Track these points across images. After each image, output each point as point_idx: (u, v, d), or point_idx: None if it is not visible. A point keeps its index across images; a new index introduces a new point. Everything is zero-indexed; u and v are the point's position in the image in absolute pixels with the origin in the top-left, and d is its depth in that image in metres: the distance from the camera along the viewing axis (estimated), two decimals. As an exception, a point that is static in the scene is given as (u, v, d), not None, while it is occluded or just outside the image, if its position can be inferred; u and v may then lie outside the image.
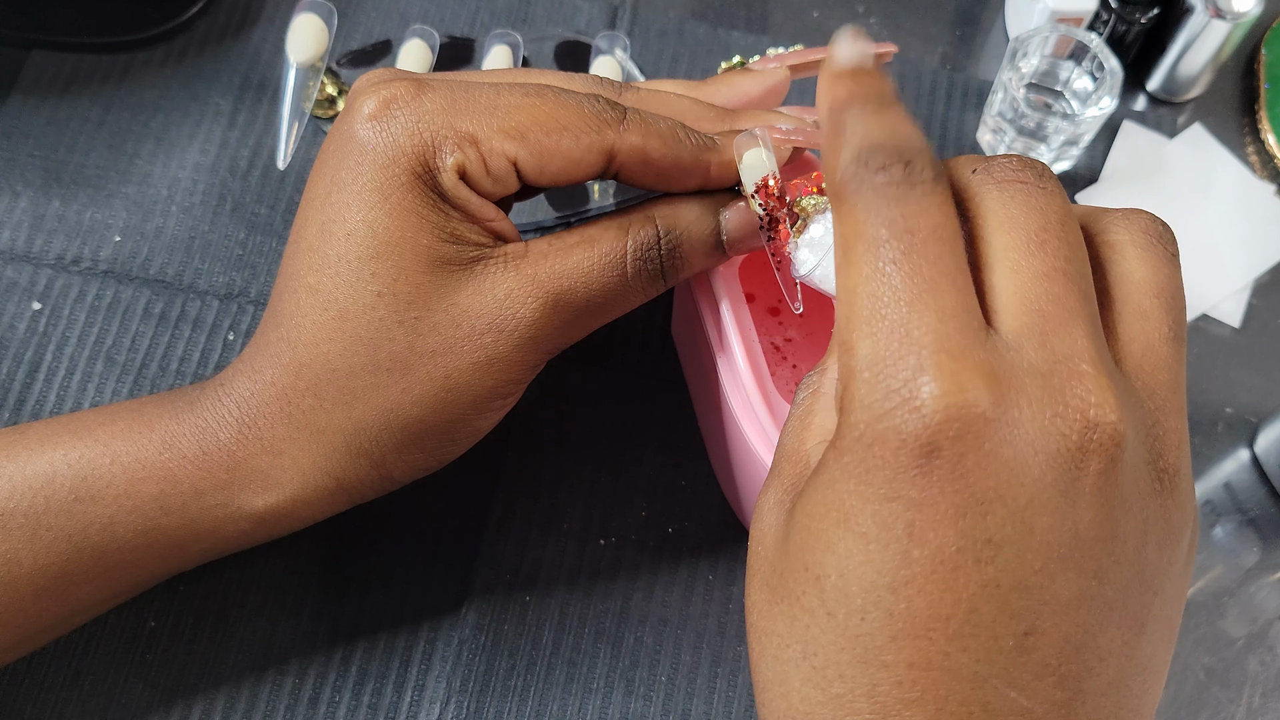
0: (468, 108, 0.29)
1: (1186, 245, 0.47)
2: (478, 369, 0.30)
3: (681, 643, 0.39)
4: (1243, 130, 0.50)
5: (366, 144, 0.29)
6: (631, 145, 0.30)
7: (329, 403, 0.30)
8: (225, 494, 0.31)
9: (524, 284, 0.30)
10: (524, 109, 0.29)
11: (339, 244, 0.29)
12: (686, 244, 0.31)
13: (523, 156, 0.29)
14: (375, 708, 0.37)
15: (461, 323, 0.30)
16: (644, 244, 0.31)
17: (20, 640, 0.32)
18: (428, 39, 0.45)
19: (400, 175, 0.29)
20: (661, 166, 0.30)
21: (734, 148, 0.30)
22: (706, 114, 0.33)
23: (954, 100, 0.50)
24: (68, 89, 0.48)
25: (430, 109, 0.29)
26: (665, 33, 0.51)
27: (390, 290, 0.29)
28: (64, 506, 0.30)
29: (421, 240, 0.29)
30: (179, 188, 0.46)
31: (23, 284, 0.44)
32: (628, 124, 0.30)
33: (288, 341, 0.30)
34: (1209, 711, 0.39)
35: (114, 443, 0.31)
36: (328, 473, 0.31)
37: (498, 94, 0.30)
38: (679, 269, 0.31)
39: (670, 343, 0.44)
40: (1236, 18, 0.46)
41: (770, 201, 0.30)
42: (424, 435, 0.31)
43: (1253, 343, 0.46)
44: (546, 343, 0.31)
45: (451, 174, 0.29)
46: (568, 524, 0.40)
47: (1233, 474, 0.43)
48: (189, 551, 0.32)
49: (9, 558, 0.30)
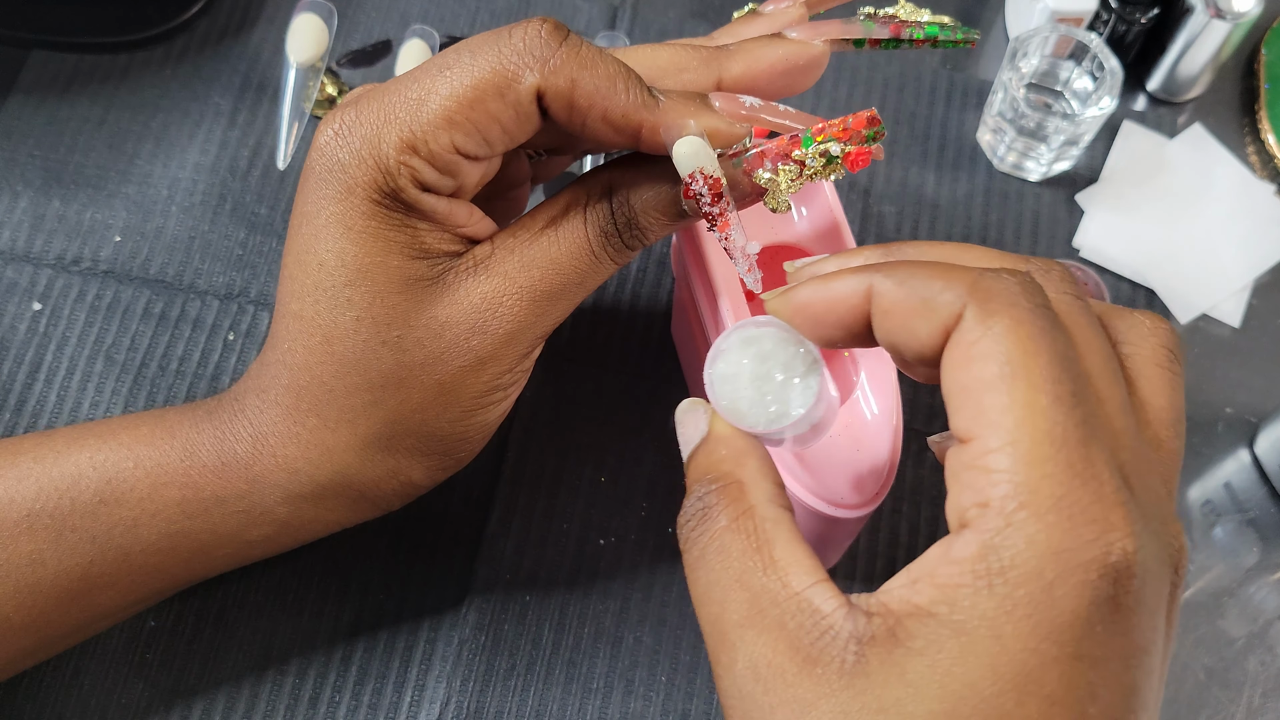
0: (397, 115, 0.28)
1: (1186, 245, 0.47)
2: (469, 371, 0.30)
3: (681, 643, 0.39)
4: (1243, 130, 0.50)
5: (323, 177, 0.29)
6: (556, 87, 0.27)
7: (333, 422, 0.30)
8: (247, 502, 0.31)
9: (497, 284, 0.30)
10: (441, 91, 0.28)
11: (313, 273, 0.29)
12: (642, 215, 0.30)
13: (459, 140, 0.28)
14: (375, 708, 0.37)
15: (444, 333, 0.29)
16: (602, 221, 0.30)
17: (41, 644, 0.32)
18: (428, 39, 0.45)
19: (359, 205, 0.28)
20: (589, 116, 0.28)
21: (662, 133, 0.28)
22: (689, 62, 0.30)
23: (954, 100, 0.50)
24: (68, 89, 0.48)
25: (368, 131, 0.28)
26: (665, 33, 0.51)
27: (368, 314, 0.29)
28: (89, 509, 0.30)
29: (391, 262, 0.29)
30: (179, 188, 0.46)
31: (23, 284, 0.44)
32: (557, 60, 0.27)
33: (285, 365, 0.30)
34: (1209, 711, 0.39)
35: (137, 447, 0.31)
36: (346, 485, 0.31)
37: (419, 84, 0.28)
38: (642, 238, 0.30)
39: (670, 343, 0.44)
40: (1236, 18, 0.46)
41: (700, 198, 0.28)
42: (433, 440, 0.31)
43: (1253, 343, 0.46)
44: (531, 331, 0.30)
45: (411, 189, 0.28)
46: (568, 524, 0.40)
47: (1233, 474, 0.43)
48: (213, 556, 0.32)
49: (34, 558, 0.30)
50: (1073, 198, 0.48)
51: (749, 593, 0.24)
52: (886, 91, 0.50)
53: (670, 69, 0.30)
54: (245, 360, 0.43)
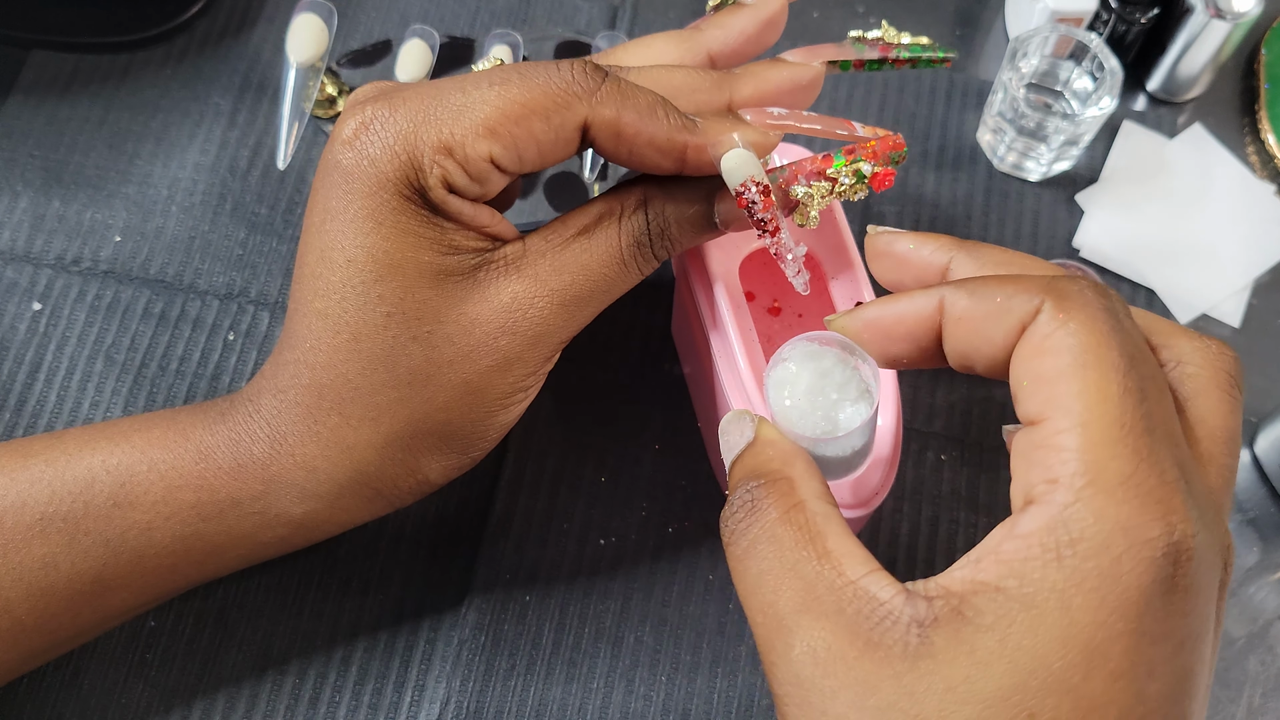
0: (437, 116, 0.29)
1: (1186, 245, 0.47)
2: (495, 370, 0.30)
3: (681, 643, 0.39)
4: (1243, 130, 0.50)
5: (351, 171, 0.29)
6: (604, 118, 0.29)
7: (355, 420, 0.30)
8: (262, 503, 0.31)
9: (528, 285, 0.30)
10: (489, 103, 0.29)
11: (341, 270, 0.29)
12: (676, 226, 0.31)
13: (497, 152, 0.29)
14: (375, 708, 0.37)
15: (473, 330, 0.30)
16: (636, 230, 0.31)
17: (52, 644, 0.32)
18: (428, 39, 0.45)
19: (389, 200, 0.29)
20: (636, 144, 0.29)
21: (710, 150, 0.29)
22: (702, 84, 0.32)
23: (954, 100, 0.50)
24: (68, 89, 0.48)
25: (404, 127, 0.29)
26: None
27: (399, 310, 0.29)
28: (102, 512, 0.30)
29: (422, 257, 0.29)
30: (179, 188, 0.46)
31: (23, 284, 0.44)
32: (602, 94, 0.29)
33: (306, 364, 0.30)
34: (1209, 711, 0.39)
35: (151, 450, 0.31)
36: (363, 484, 0.31)
37: (464, 93, 0.29)
38: (672, 248, 0.32)
39: (670, 343, 0.44)
40: (1236, 18, 0.46)
41: (753, 205, 0.29)
42: (453, 438, 0.31)
43: (1253, 343, 0.46)
44: (557, 334, 0.31)
45: (439, 189, 0.29)
46: (568, 524, 0.40)
47: (1233, 474, 0.43)
48: (227, 558, 0.32)
49: (47, 562, 0.30)
50: (1073, 198, 0.48)
51: (803, 581, 0.24)
52: (887, 92, 0.50)
53: (685, 90, 0.31)
54: (245, 360, 0.43)
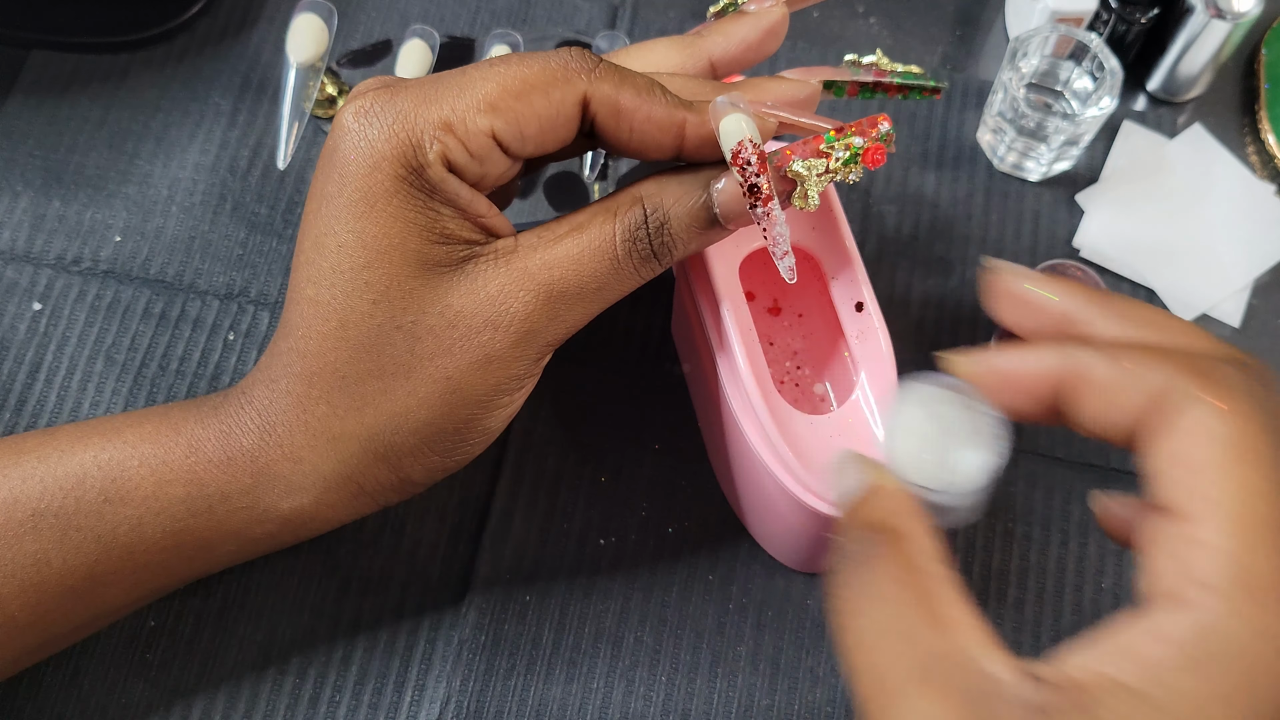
0: (437, 96, 0.29)
1: (1186, 245, 0.47)
2: (477, 368, 0.30)
3: (681, 643, 0.39)
4: (1243, 130, 0.50)
5: (348, 155, 0.29)
6: (603, 94, 0.29)
7: (342, 410, 0.30)
8: (251, 497, 0.31)
9: (515, 278, 0.30)
10: (490, 79, 0.29)
11: (332, 256, 0.29)
12: (675, 220, 0.30)
13: (499, 127, 0.29)
14: (375, 708, 0.37)
15: (457, 324, 0.30)
16: (632, 225, 0.30)
17: (46, 641, 0.32)
18: (428, 39, 0.45)
19: (384, 181, 0.29)
20: (635, 120, 0.30)
21: (709, 113, 0.30)
22: (701, 92, 0.32)
23: (954, 100, 0.50)
24: (68, 89, 0.48)
25: (403, 108, 0.29)
26: (665, 33, 0.51)
27: (385, 297, 0.29)
28: (94, 508, 0.30)
29: (410, 244, 0.29)
30: (179, 188, 0.46)
31: (23, 284, 0.44)
32: (600, 71, 0.29)
33: (298, 352, 0.30)
34: None
35: (142, 445, 0.31)
36: (348, 478, 0.31)
37: (464, 75, 0.30)
38: (671, 248, 0.31)
39: (670, 343, 0.44)
40: (1236, 18, 0.46)
41: (748, 167, 0.29)
42: (435, 438, 0.31)
43: (1253, 343, 0.46)
44: (544, 335, 0.31)
45: (438, 166, 0.29)
46: (568, 524, 0.40)
47: (1233, 474, 0.43)
48: (217, 553, 0.32)
49: (39, 558, 0.30)
50: (1073, 198, 0.48)
51: (915, 649, 0.23)
52: (886, 91, 0.50)
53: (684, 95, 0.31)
54: (245, 360, 0.43)
